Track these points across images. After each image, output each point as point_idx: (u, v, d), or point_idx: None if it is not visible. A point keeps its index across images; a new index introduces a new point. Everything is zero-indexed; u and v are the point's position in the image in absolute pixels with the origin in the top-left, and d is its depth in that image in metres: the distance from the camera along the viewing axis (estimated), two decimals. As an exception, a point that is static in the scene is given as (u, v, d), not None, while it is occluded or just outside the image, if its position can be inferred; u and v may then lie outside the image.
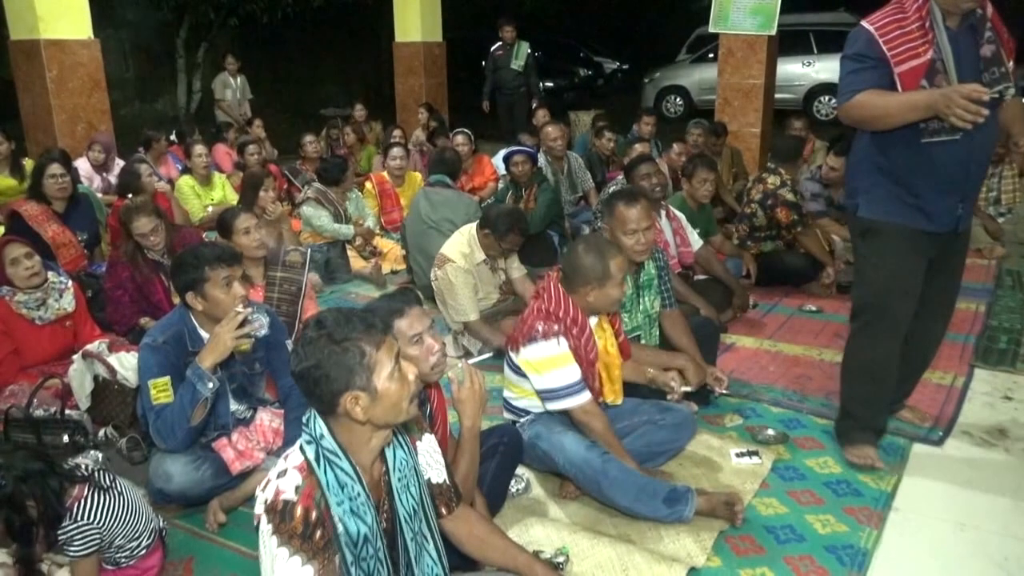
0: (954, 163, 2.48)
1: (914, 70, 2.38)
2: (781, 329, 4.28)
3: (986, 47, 2.45)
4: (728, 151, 6.98)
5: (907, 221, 2.56)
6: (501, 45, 8.86)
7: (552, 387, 2.60)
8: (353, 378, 1.53)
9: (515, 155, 5.51)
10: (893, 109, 2.39)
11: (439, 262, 3.96)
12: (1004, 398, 3.38)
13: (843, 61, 2.52)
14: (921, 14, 2.40)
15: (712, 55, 9.33)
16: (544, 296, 2.70)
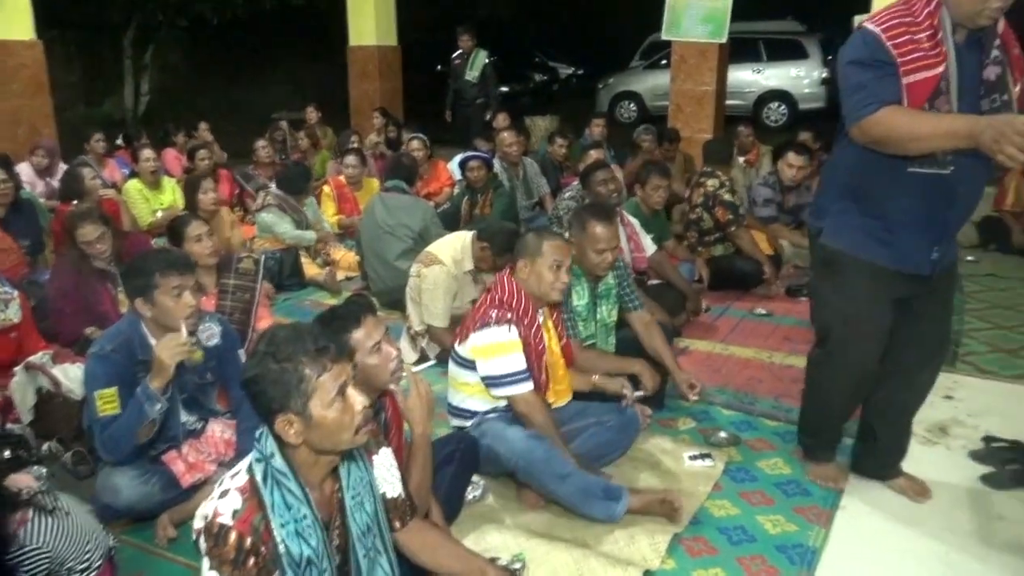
0: (937, 199, 2.20)
1: (924, 83, 2.07)
2: (733, 332, 4.36)
3: (991, 68, 2.15)
4: (681, 157, 7.10)
5: (873, 257, 2.30)
6: (460, 54, 8.83)
7: (497, 373, 2.63)
8: (288, 401, 1.51)
9: (470, 160, 5.52)
10: (925, 133, 2.03)
11: (427, 260, 3.93)
12: (945, 397, 3.49)
13: (851, 67, 2.16)
14: (933, 22, 2.08)
15: (665, 62, 9.46)
16: (497, 288, 2.75)
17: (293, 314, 4.68)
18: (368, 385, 2.09)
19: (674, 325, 4.10)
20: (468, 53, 8.74)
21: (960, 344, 4.09)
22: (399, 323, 4.18)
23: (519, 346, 2.63)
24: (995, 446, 3.00)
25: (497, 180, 5.67)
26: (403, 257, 4.54)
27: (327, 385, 1.54)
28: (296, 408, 1.52)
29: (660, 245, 4.51)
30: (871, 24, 2.14)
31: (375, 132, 8.68)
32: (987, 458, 2.94)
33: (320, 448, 1.59)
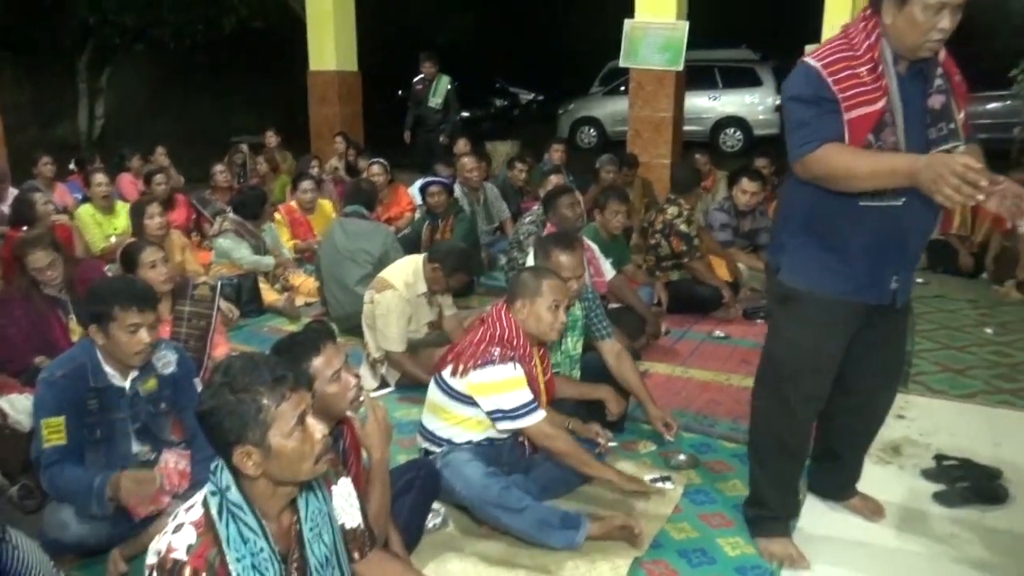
0: (893, 230, 2.18)
1: (865, 118, 2.06)
2: (692, 355, 4.41)
3: (935, 97, 2.14)
4: (640, 181, 7.21)
5: (833, 291, 2.26)
6: (421, 79, 8.85)
7: (507, 407, 2.61)
8: (246, 432, 1.49)
9: (431, 185, 5.54)
10: (865, 172, 2.02)
11: (379, 286, 3.91)
12: (897, 417, 3.56)
13: (793, 103, 2.15)
14: (873, 55, 2.08)
15: (624, 88, 9.62)
16: (493, 324, 2.73)
17: (251, 340, 4.62)
18: (327, 413, 2.07)
19: (634, 348, 4.13)
20: (431, 79, 8.77)
21: (911, 364, 4.20)
22: (359, 349, 4.15)
23: (524, 381, 2.63)
24: (946, 464, 3.07)
25: (458, 205, 5.69)
26: (363, 282, 4.51)
27: (286, 414, 1.52)
28: (254, 439, 1.50)
29: (619, 269, 4.57)
30: (812, 59, 2.12)
31: (336, 157, 8.65)
32: (938, 476, 3.01)
33: (279, 479, 1.56)
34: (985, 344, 4.53)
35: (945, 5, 1.95)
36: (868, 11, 2.12)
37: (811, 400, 2.42)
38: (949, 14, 1.97)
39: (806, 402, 2.42)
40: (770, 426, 2.49)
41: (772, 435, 2.49)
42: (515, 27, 20.54)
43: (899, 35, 2.05)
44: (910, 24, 2.00)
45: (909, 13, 1.99)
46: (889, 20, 2.05)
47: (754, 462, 2.61)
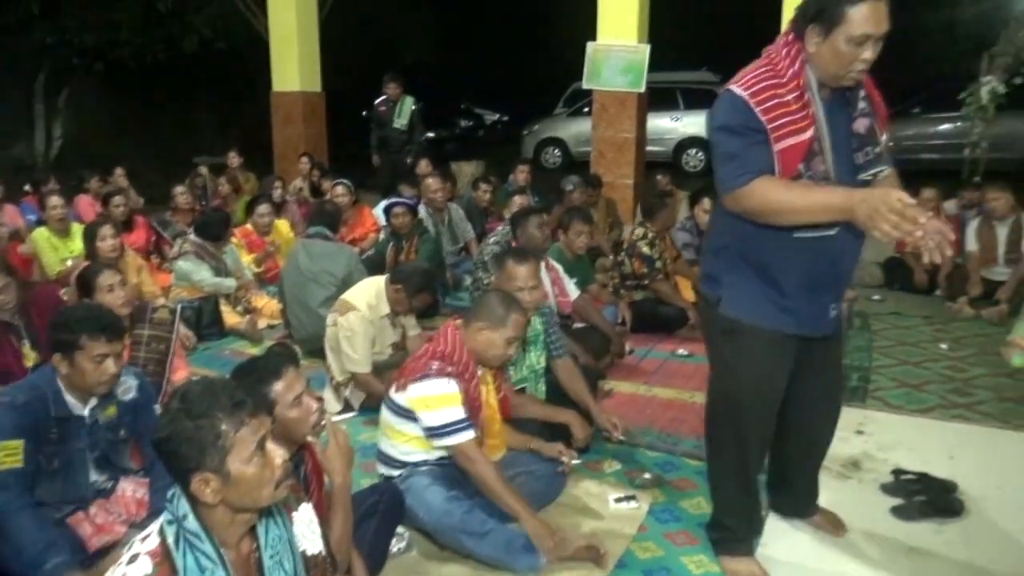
0: (828, 260, 2.17)
1: (795, 148, 2.03)
2: (656, 374, 4.45)
3: (860, 121, 2.14)
4: (603, 202, 7.28)
5: (776, 325, 2.23)
6: (384, 100, 8.84)
7: (439, 423, 2.61)
8: (204, 459, 1.47)
9: (395, 207, 5.54)
10: (800, 207, 1.99)
11: (341, 308, 3.89)
12: (857, 432, 3.63)
13: (721, 134, 2.10)
14: (799, 82, 2.05)
15: (588, 109, 9.74)
16: (438, 339, 2.75)
17: (212, 364, 4.55)
18: (288, 438, 2.06)
19: (598, 368, 4.16)
20: (395, 100, 8.77)
21: (869, 380, 4.28)
22: (323, 372, 4.11)
23: (459, 399, 2.62)
24: (904, 479, 3.13)
25: (422, 226, 5.69)
26: (326, 304, 4.48)
27: (245, 440, 1.50)
28: (213, 466, 1.48)
29: (584, 289, 4.60)
30: (738, 87, 2.07)
31: (300, 177, 8.61)
32: (897, 491, 3.06)
33: (239, 506, 1.54)
34: (940, 359, 4.64)
35: (869, 37, 1.96)
36: (790, 36, 2.09)
37: (762, 429, 2.42)
38: (872, 45, 1.98)
39: (757, 431, 2.41)
40: (725, 454, 2.48)
41: (728, 462, 2.48)
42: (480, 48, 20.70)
43: (823, 64, 2.04)
44: (834, 54, 2.00)
45: (833, 44, 1.99)
46: (813, 49, 2.03)
47: (713, 487, 2.61)
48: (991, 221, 5.79)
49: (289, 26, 9.57)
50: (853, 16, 1.94)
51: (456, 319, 2.85)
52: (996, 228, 5.77)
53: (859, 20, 1.94)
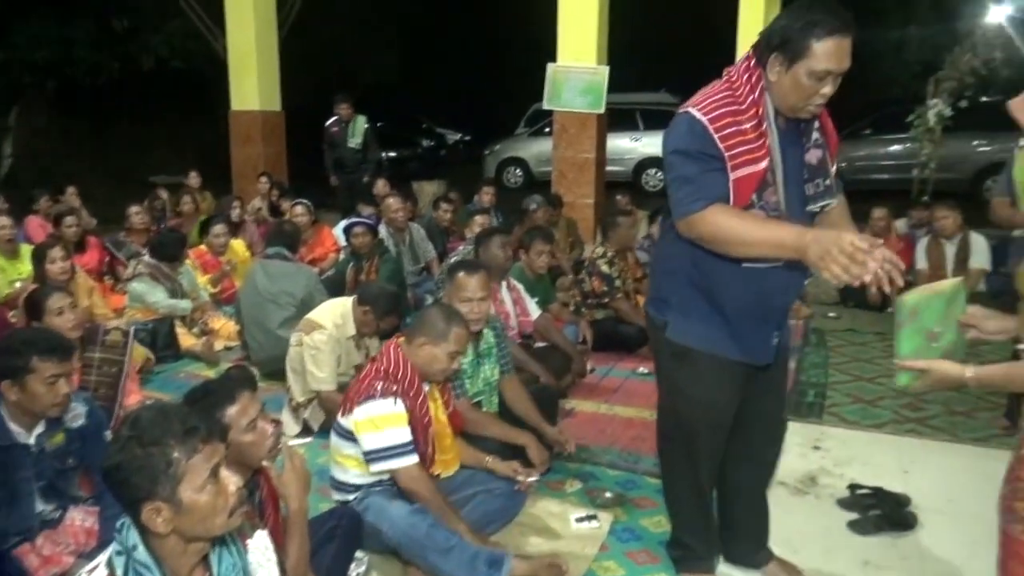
0: (774, 290, 2.17)
1: (750, 178, 2.02)
2: (617, 392, 4.47)
3: (812, 152, 2.13)
4: (564, 221, 7.32)
5: (722, 350, 2.24)
6: (336, 121, 8.85)
7: (380, 446, 2.57)
8: (155, 487, 1.43)
9: (355, 226, 5.51)
10: (753, 240, 1.96)
11: (306, 328, 3.84)
12: (814, 448, 3.68)
13: (677, 157, 2.07)
14: (757, 111, 2.03)
15: (548, 129, 9.82)
16: (383, 359, 2.72)
17: (167, 387, 4.46)
18: (243, 463, 2.02)
19: (560, 387, 4.17)
20: (347, 120, 8.79)
21: (825, 396, 4.35)
22: (281, 394, 4.05)
23: (404, 419, 2.60)
24: (859, 493, 3.17)
25: (383, 246, 5.67)
26: (285, 325, 4.43)
27: (198, 468, 1.47)
28: (164, 495, 1.44)
29: (545, 308, 4.61)
30: (697, 111, 2.04)
31: (259, 197, 8.52)
32: (852, 505, 3.11)
33: (191, 535, 1.50)
34: (893, 375, 4.71)
35: (830, 73, 1.96)
36: (752, 61, 2.06)
37: (712, 448, 2.41)
38: (832, 81, 1.98)
39: (707, 450, 2.41)
40: (678, 471, 2.48)
41: (681, 479, 2.48)
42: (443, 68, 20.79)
43: (782, 94, 2.03)
44: (794, 86, 1.99)
45: (794, 76, 1.97)
46: (774, 78, 2.01)
47: (669, 503, 2.61)
48: (939, 239, 5.95)
49: (248, 45, 9.52)
50: (818, 51, 1.92)
51: (399, 336, 2.83)
52: (944, 246, 5.93)
53: (823, 55, 1.93)
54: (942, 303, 1.74)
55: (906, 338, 1.74)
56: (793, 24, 1.94)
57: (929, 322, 1.73)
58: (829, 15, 1.92)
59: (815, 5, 1.94)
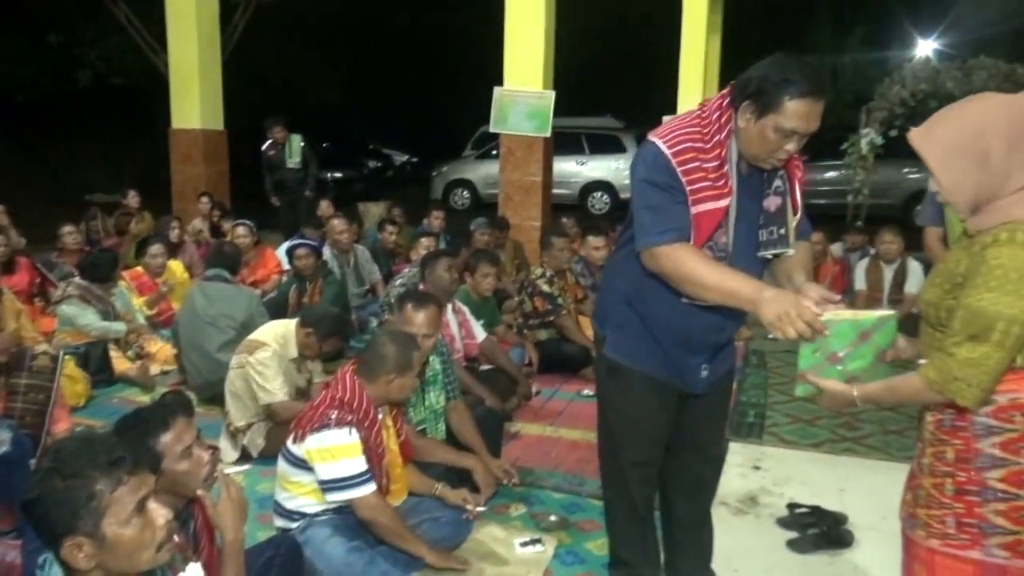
0: (708, 326, 2.20)
1: (711, 214, 2.03)
2: (562, 415, 4.48)
3: (772, 199, 2.12)
4: (511, 244, 7.35)
5: (653, 371, 2.28)
6: (272, 144, 8.85)
7: (337, 476, 2.54)
8: (76, 522, 1.38)
9: (298, 248, 5.44)
10: (710, 284, 1.97)
11: (248, 348, 3.76)
12: (754, 468, 3.74)
13: (645, 185, 2.07)
14: (721, 152, 2.03)
15: (495, 152, 9.88)
16: (337, 386, 2.68)
17: (100, 414, 4.31)
18: (177, 493, 1.96)
19: (505, 410, 4.16)
20: (282, 143, 8.79)
21: (765, 417, 4.43)
22: (220, 420, 3.95)
23: (359, 449, 2.56)
24: (798, 512, 3.23)
25: (327, 268, 5.60)
26: (225, 349, 4.33)
27: (123, 500, 1.41)
28: (86, 529, 1.38)
29: (490, 331, 4.61)
30: (662, 143, 2.04)
31: (200, 218, 8.35)
32: (791, 524, 3.16)
33: (115, 571, 1.44)
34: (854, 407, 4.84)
35: (796, 132, 1.96)
36: (726, 101, 2.05)
37: (644, 464, 2.41)
38: (797, 140, 1.99)
39: (639, 466, 2.40)
40: (614, 490, 2.49)
41: (618, 498, 2.49)
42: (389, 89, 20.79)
43: (747, 142, 2.03)
44: (760, 137, 1.99)
45: (762, 127, 1.97)
46: (743, 124, 2.01)
47: (608, 524, 2.60)
48: (879, 262, 6.15)
49: (190, 63, 9.35)
50: (789, 109, 1.91)
51: (352, 363, 2.79)
52: (883, 269, 6.13)
53: (793, 114, 1.92)
54: (853, 332, 1.76)
55: (807, 354, 1.81)
56: (771, 77, 1.93)
57: (835, 345, 1.78)
58: (807, 77, 1.91)
59: (796, 63, 1.94)
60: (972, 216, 1.63)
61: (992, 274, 1.53)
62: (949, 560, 1.69)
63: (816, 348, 1.79)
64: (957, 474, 1.67)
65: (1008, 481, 1.62)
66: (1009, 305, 1.50)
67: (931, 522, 1.71)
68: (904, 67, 8.66)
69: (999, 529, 1.63)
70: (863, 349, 1.77)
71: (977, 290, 1.54)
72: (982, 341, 1.54)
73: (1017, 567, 1.64)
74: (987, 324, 1.52)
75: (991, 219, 1.58)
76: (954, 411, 1.66)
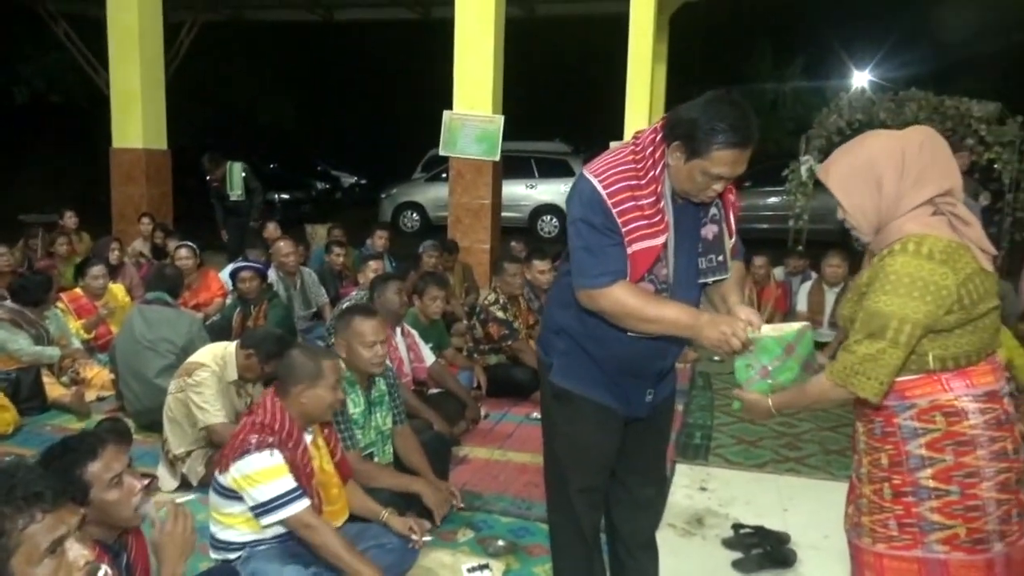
0: (651, 353, 2.23)
1: (647, 253, 2.06)
2: (511, 438, 4.46)
3: (709, 227, 2.16)
4: (460, 267, 7.35)
5: (598, 397, 2.28)
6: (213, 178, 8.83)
7: (268, 498, 2.47)
8: None
9: (242, 271, 5.34)
10: (650, 317, 2.04)
11: (186, 371, 3.66)
12: (700, 489, 3.78)
13: (581, 225, 2.08)
14: (656, 188, 2.05)
15: (445, 175, 9.90)
16: (259, 411, 2.63)
17: (31, 442, 4.15)
18: (107, 524, 1.89)
19: (453, 434, 4.13)
20: (221, 178, 8.80)
21: (711, 438, 4.49)
22: (159, 447, 3.83)
23: (286, 469, 2.50)
24: (742, 533, 3.27)
25: (272, 291, 5.51)
26: (164, 374, 4.21)
27: (35, 539, 1.34)
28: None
29: (439, 354, 4.59)
30: (598, 182, 2.05)
31: (140, 239, 8.16)
32: (736, 545, 3.19)
33: None
34: (773, 416, 4.93)
35: (722, 177, 2.02)
36: (660, 135, 2.07)
37: (590, 491, 2.40)
38: (724, 182, 2.05)
39: (585, 492, 2.39)
40: (563, 515, 2.46)
41: (563, 524, 2.46)
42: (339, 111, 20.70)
43: (678, 180, 2.07)
44: (688, 178, 2.03)
45: (690, 169, 2.01)
46: (673, 162, 2.04)
47: (554, 550, 2.56)
48: (823, 285, 6.31)
49: (132, 81, 9.16)
50: (716, 157, 1.96)
51: (274, 386, 2.73)
52: (826, 292, 6.29)
53: (720, 162, 1.97)
54: (779, 347, 1.91)
55: (741, 368, 1.97)
56: (701, 124, 1.96)
57: (764, 359, 1.93)
58: (734, 128, 1.94)
59: (728, 109, 1.96)
60: (875, 237, 1.82)
61: (888, 280, 1.70)
62: (896, 562, 1.80)
63: (748, 363, 1.94)
64: (893, 478, 1.80)
65: (937, 479, 1.75)
66: (901, 306, 1.68)
67: (875, 527, 1.83)
68: (841, 97, 8.96)
69: (936, 525, 1.76)
70: (790, 362, 1.93)
71: (876, 294, 1.72)
72: (879, 338, 1.71)
73: (956, 560, 1.76)
74: (883, 323, 1.70)
75: (890, 237, 1.77)
76: (882, 419, 1.80)
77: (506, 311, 5.13)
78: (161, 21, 9.51)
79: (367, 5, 13.24)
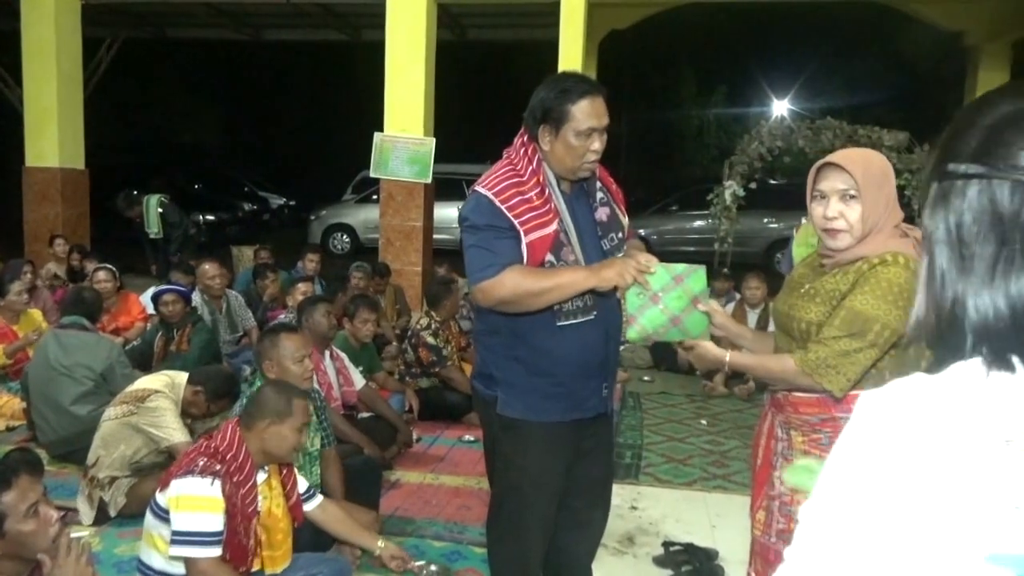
0: (594, 343, 2.26)
1: (542, 240, 2.14)
2: (443, 461, 4.43)
3: (601, 210, 2.30)
4: (391, 289, 7.29)
5: (551, 416, 2.27)
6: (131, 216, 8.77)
7: (186, 529, 2.37)
8: None
9: (164, 294, 5.17)
10: (549, 285, 2.09)
11: (136, 397, 3.52)
12: (631, 508, 3.82)
13: (469, 230, 2.18)
14: (539, 179, 2.18)
15: (376, 196, 9.84)
16: (217, 436, 2.55)
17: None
18: (21, 557, 1.81)
19: (385, 458, 4.09)
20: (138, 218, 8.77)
21: (642, 457, 4.55)
22: (74, 478, 3.67)
23: (220, 505, 2.40)
24: (672, 550, 3.32)
25: (196, 314, 5.35)
26: (81, 401, 4.05)
27: None
28: None
29: (370, 377, 4.53)
30: (484, 189, 2.18)
31: (54, 261, 7.83)
32: (666, 562, 3.24)
33: None
34: (701, 434, 5.05)
35: (594, 129, 2.17)
36: (525, 138, 2.24)
37: (545, 519, 2.39)
38: (598, 137, 2.19)
39: (539, 520, 2.38)
40: (506, 547, 2.43)
41: (516, 558, 2.42)
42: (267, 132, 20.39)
43: (558, 159, 2.20)
44: (567, 149, 2.17)
45: (564, 139, 2.15)
46: (547, 147, 2.19)
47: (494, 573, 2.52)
48: (744, 306, 6.50)
49: (48, 98, 8.84)
50: (576, 112, 2.13)
51: (239, 416, 2.67)
52: (748, 314, 6.48)
53: (582, 116, 2.13)
54: (668, 275, 2.05)
55: (632, 297, 2.07)
56: (549, 95, 2.16)
57: (655, 286, 2.04)
58: (578, 81, 2.18)
59: (563, 75, 2.22)
60: (856, 245, 1.82)
61: (879, 285, 1.75)
62: None
63: (640, 291, 2.05)
64: None
65: None
66: (886, 312, 1.73)
67: None
68: (762, 125, 9.30)
69: None
70: (678, 291, 2.04)
71: (863, 295, 1.76)
72: (859, 338, 1.74)
73: None
74: (866, 325, 1.74)
75: (874, 248, 1.80)
76: (830, 429, 1.81)
77: (437, 336, 5.10)
78: (80, 36, 9.24)
79: (296, 26, 13.09)
